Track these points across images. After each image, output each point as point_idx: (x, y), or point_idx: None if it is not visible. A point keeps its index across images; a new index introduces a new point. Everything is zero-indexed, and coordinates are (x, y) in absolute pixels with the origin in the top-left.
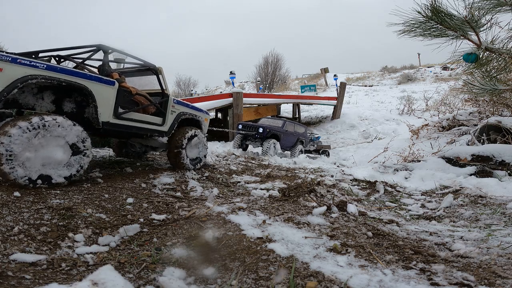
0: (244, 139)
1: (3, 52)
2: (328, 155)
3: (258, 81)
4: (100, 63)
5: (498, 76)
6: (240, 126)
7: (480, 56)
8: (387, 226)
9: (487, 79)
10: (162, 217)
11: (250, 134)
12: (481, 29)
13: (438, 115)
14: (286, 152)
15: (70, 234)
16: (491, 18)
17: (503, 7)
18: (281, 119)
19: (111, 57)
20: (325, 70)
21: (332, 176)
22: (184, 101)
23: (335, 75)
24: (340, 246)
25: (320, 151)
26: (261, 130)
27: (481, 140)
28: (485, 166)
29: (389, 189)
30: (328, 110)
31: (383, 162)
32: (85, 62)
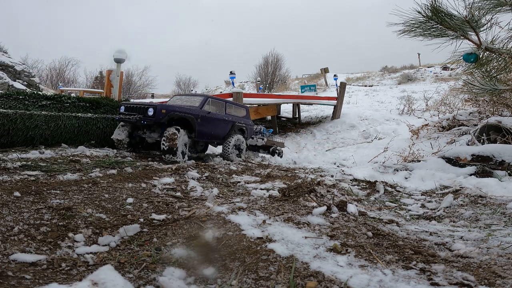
0: (134, 128)
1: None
2: (280, 155)
3: (258, 81)
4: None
5: (498, 76)
6: (122, 109)
7: (480, 56)
8: (387, 226)
9: (487, 79)
10: (162, 217)
11: (133, 120)
12: (481, 29)
13: (438, 115)
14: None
15: (70, 234)
16: (491, 18)
17: (503, 7)
18: (202, 96)
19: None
20: (325, 70)
21: (332, 176)
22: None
23: (335, 75)
24: (340, 246)
25: (271, 149)
26: (151, 111)
27: (481, 140)
28: (485, 166)
29: (389, 189)
30: (328, 110)
31: (383, 162)
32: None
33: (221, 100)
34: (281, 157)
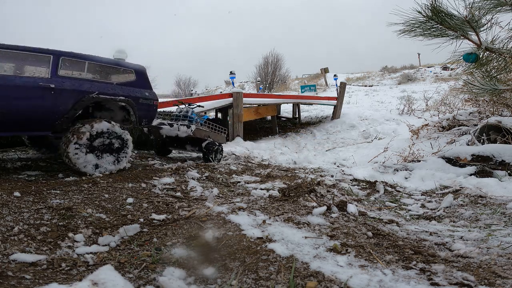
0: None
1: None
2: (217, 156)
3: (258, 81)
4: None
5: (498, 76)
6: None
7: (480, 56)
8: (387, 226)
9: (487, 79)
10: (162, 217)
11: None
12: (481, 29)
13: (438, 115)
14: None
15: (70, 234)
16: (492, 18)
17: (504, 7)
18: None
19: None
20: (325, 70)
21: (332, 176)
22: None
23: (335, 75)
24: (340, 246)
25: (203, 145)
26: None
27: (481, 140)
28: (485, 166)
29: (389, 189)
30: (328, 110)
31: (383, 162)
32: None
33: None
34: (219, 159)
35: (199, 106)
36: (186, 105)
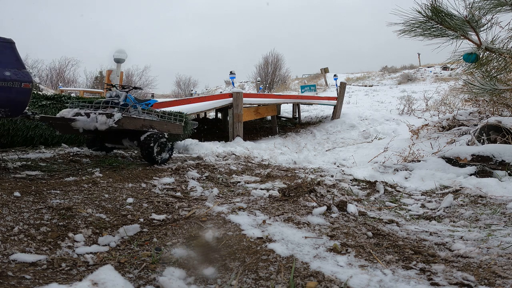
0: None
1: None
2: (162, 153)
3: (258, 81)
4: None
5: (498, 76)
6: None
7: (480, 56)
8: (387, 226)
9: (487, 79)
10: (162, 217)
11: None
12: (482, 29)
13: (438, 115)
14: None
15: (70, 234)
16: (492, 18)
17: (504, 7)
18: None
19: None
20: (325, 70)
21: (332, 176)
22: None
23: (335, 75)
24: (340, 246)
25: (142, 138)
26: None
27: (481, 140)
28: (485, 166)
29: (389, 189)
30: (328, 110)
31: (383, 162)
32: None
33: None
34: (165, 159)
35: (135, 88)
36: (117, 87)
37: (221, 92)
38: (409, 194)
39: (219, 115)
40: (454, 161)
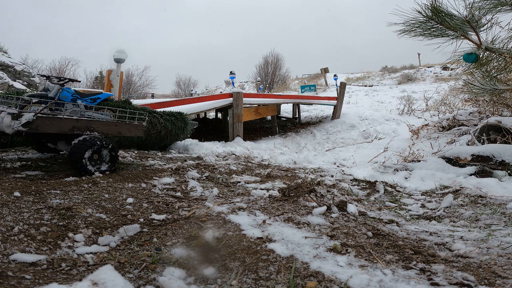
0: None
1: None
2: (102, 163)
3: (258, 81)
4: None
5: (498, 76)
6: None
7: (480, 56)
8: (387, 226)
9: (487, 79)
10: (162, 217)
11: None
12: (482, 29)
13: (438, 115)
14: None
15: (70, 234)
16: (492, 18)
17: (504, 7)
18: None
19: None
20: (325, 70)
21: (332, 176)
22: None
23: (335, 75)
24: (340, 246)
25: (73, 144)
26: None
27: (481, 140)
28: (485, 166)
29: (389, 189)
30: (328, 110)
31: (383, 162)
32: None
33: None
34: (102, 170)
35: (70, 80)
36: (45, 79)
37: (221, 92)
38: (409, 194)
39: (219, 115)
40: (454, 161)
